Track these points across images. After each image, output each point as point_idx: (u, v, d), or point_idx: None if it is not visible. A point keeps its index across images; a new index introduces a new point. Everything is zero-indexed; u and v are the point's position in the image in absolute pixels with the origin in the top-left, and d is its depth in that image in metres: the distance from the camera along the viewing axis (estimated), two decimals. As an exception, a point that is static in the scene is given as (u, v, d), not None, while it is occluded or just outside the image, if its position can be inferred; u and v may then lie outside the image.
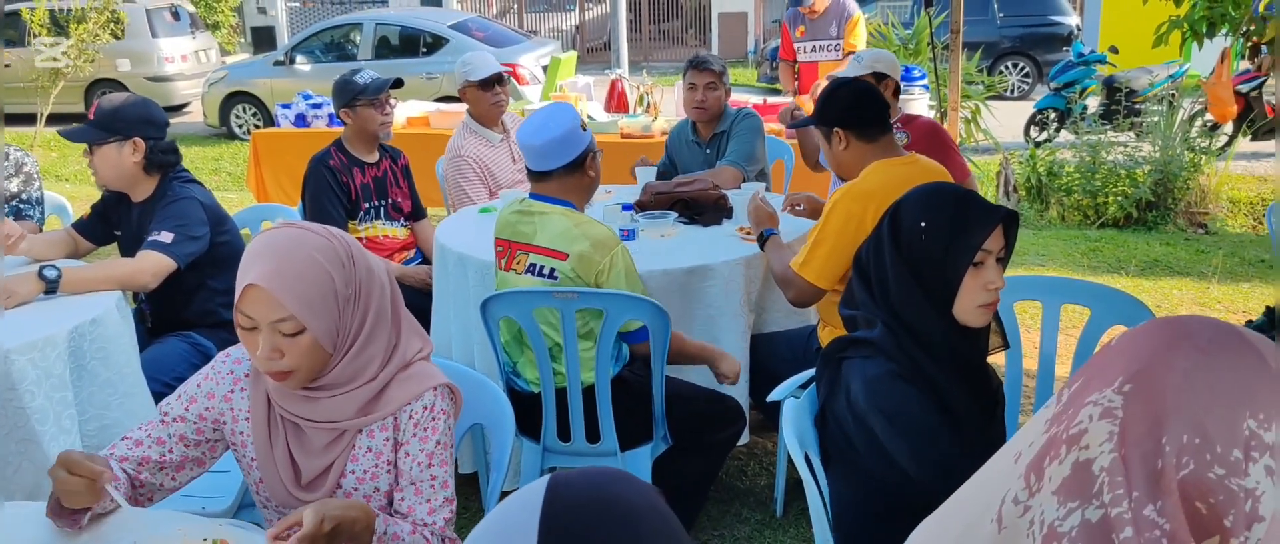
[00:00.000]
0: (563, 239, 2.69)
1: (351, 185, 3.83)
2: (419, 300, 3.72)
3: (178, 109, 13.59)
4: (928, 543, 1.13)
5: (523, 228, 2.78)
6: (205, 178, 9.39)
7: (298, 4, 20.91)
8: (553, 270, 2.70)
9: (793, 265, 2.79)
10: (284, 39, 18.60)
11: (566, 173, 2.75)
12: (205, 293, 3.13)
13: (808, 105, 4.66)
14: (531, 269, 2.75)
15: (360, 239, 3.83)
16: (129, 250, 3.11)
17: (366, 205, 3.88)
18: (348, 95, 3.83)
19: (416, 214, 4.09)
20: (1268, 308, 1.83)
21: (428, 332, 3.51)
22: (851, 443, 1.85)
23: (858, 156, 2.87)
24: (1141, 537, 0.88)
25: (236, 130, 11.87)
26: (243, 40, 19.88)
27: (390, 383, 1.73)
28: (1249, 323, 1.72)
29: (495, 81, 4.27)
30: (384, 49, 11.82)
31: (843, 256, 2.68)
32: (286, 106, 7.07)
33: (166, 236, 2.94)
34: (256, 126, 11.31)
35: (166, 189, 3.08)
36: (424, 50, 11.60)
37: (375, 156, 3.94)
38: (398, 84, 4.01)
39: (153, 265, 2.91)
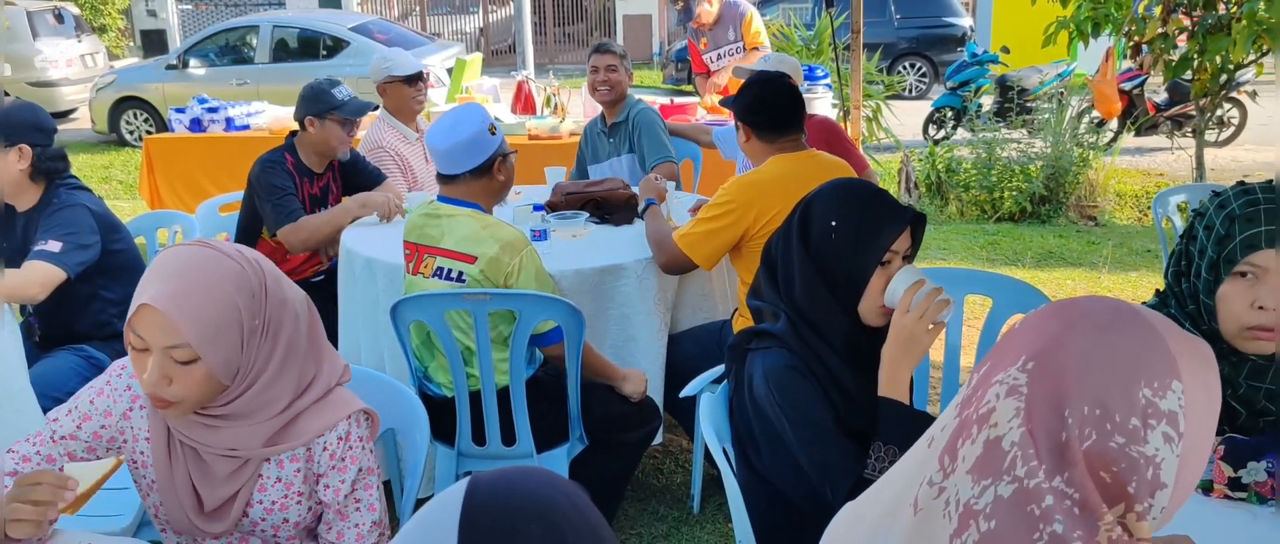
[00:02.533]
0: (470, 241, 2.66)
1: (299, 193, 3.72)
2: (325, 306, 3.64)
3: (64, 115, 13.04)
4: (846, 533, 1.14)
5: (430, 230, 2.74)
6: (95, 186, 9.03)
7: (190, 6, 20.26)
8: (461, 273, 2.67)
9: (675, 233, 2.95)
10: (176, 42, 18.01)
11: (474, 176, 2.73)
12: (98, 304, 3.01)
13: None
14: (439, 272, 2.71)
15: (287, 251, 3.75)
16: (14, 262, 2.97)
17: None
18: (320, 105, 3.68)
19: None
20: (1157, 291, 1.90)
21: (336, 337, 3.46)
22: (754, 435, 1.87)
23: (758, 151, 3.04)
24: (1058, 506, 0.91)
25: (127, 137, 11.45)
26: (132, 44, 19.18)
27: (302, 414, 1.63)
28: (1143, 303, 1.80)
29: (418, 78, 4.28)
30: (282, 52, 11.52)
31: (716, 239, 2.89)
32: (180, 111, 6.84)
33: (55, 245, 2.82)
34: (149, 132, 10.92)
35: (53, 197, 2.94)
36: (324, 53, 11.36)
37: (323, 170, 3.83)
38: (374, 109, 3.93)
39: (41, 276, 2.79)
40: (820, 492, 1.73)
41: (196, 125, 6.68)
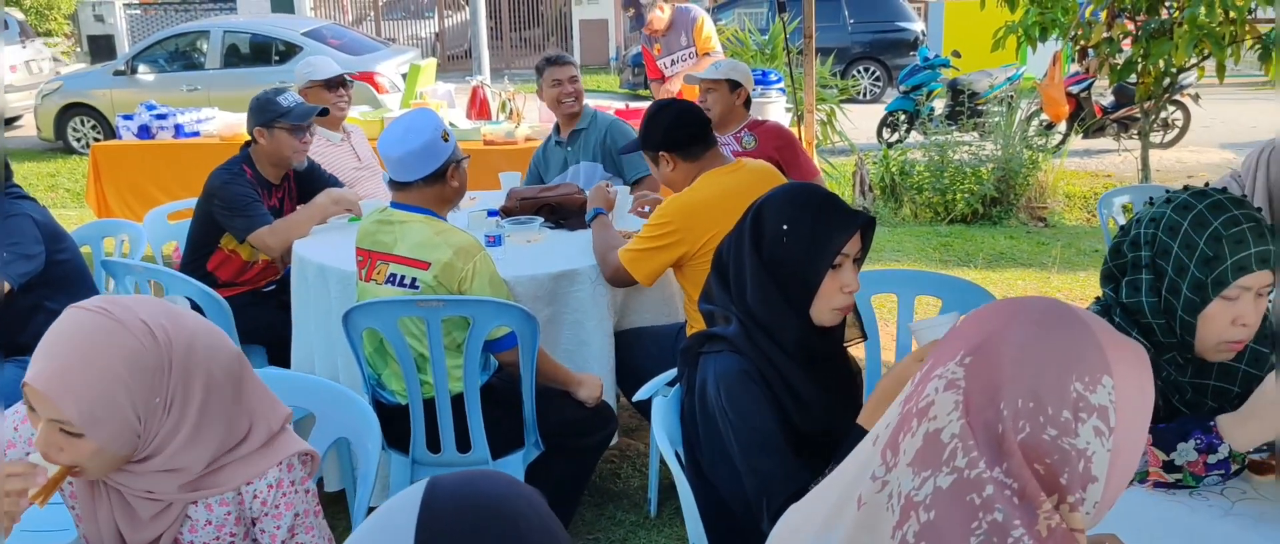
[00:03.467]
0: (423, 248, 2.65)
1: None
2: (278, 315, 3.60)
3: (8, 123, 12.77)
4: (795, 532, 1.15)
5: (383, 237, 2.73)
6: (41, 195, 8.85)
7: (138, 11, 19.93)
8: (414, 280, 2.65)
9: (620, 248, 2.98)
10: (124, 47, 17.70)
11: (427, 183, 2.71)
12: (43, 315, 2.94)
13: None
14: (392, 279, 2.69)
15: (243, 261, 3.70)
16: (-45, 273, 2.91)
17: None
18: (267, 115, 3.63)
19: None
20: (1096, 298, 1.95)
21: (289, 345, 3.42)
22: (700, 437, 1.88)
23: (686, 174, 3.05)
24: (999, 495, 0.93)
25: (74, 144, 11.23)
26: (79, 49, 18.83)
27: (226, 465, 1.55)
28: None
29: (339, 83, 4.23)
30: (233, 57, 11.37)
31: (656, 258, 2.93)
32: (128, 118, 6.73)
33: (-3, 256, 2.76)
34: (96, 139, 10.72)
35: (-5, 206, 2.88)
36: (277, 58, 11.22)
37: (279, 181, 3.78)
38: (324, 113, 3.88)
39: (-18, 287, 2.73)
40: (757, 502, 1.74)
41: (145, 132, 6.57)
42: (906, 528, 0.98)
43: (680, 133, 3.04)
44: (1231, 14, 5.07)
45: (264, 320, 3.57)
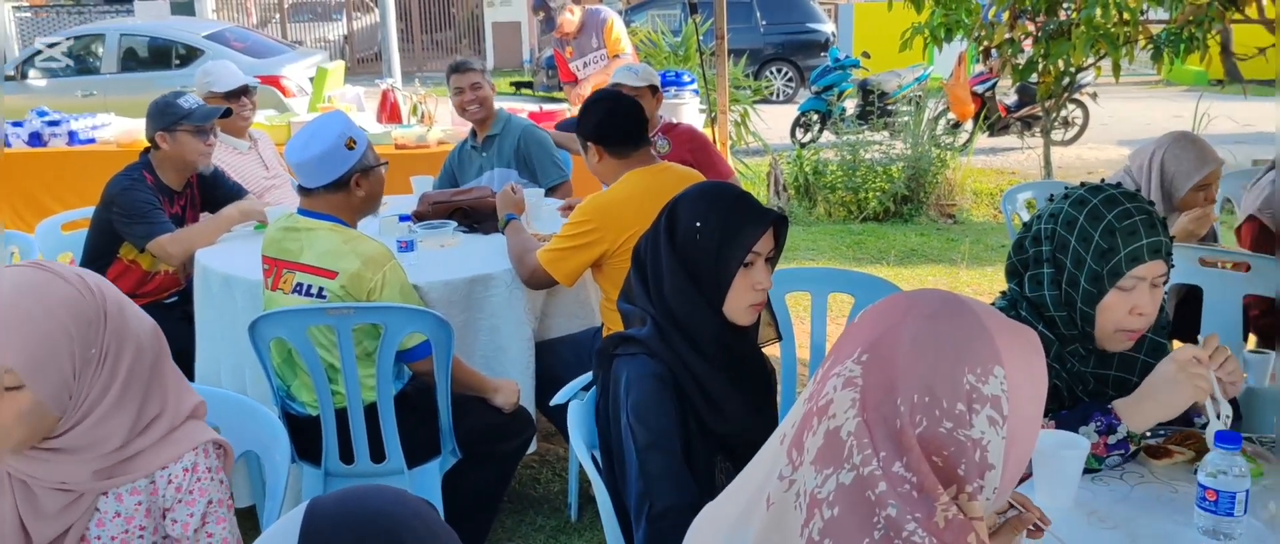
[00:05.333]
0: (330, 257, 2.58)
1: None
2: (181, 327, 3.48)
3: (-112, 131, 12.14)
4: (707, 534, 1.15)
5: (289, 245, 2.65)
6: (-75, 206, 8.43)
7: (29, 14, 19.16)
8: (321, 289, 2.59)
9: (538, 250, 2.97)
10: (14, 52, 16.99)
11: (330, 191, 2.65)
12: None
13: None
14: (299, 288, 2.62)
15: (143, 272, 3.57)
16: None
17: None
18: (168, 119, 3.49)
19: None
20: (1002, 292, 1.99)
21: (193, 360, 3.31)
22: (614, 440, 1.87)
23: (611, 169, 3.06)
24: (894, 491, 0.94)
25: (-39, 152, 10.74)
26: (-35, 54, 18.01)
27: (144, 449, 1.54)
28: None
29: (241, 93, 4.10)
30: (131, 62, 10.99)
31: (576, 257, 2.93)
32: (19, 125, 6.45)
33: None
34: (-15, 148, 10.26)
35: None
36: (177, 63, 10.88)
37: (182, 187, 3.64)
38: (226, 114, 3.75)
39: None
40: (639, 503, 1.73)
41: (36, 140, 6.31)
42: (812, 526, 0.99)
43: (612, 130, 3.05)
44: (1125, 15, 5.26)
45: (166, 333, 3.44)
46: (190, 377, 3.30)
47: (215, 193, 3.72)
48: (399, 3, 18.06)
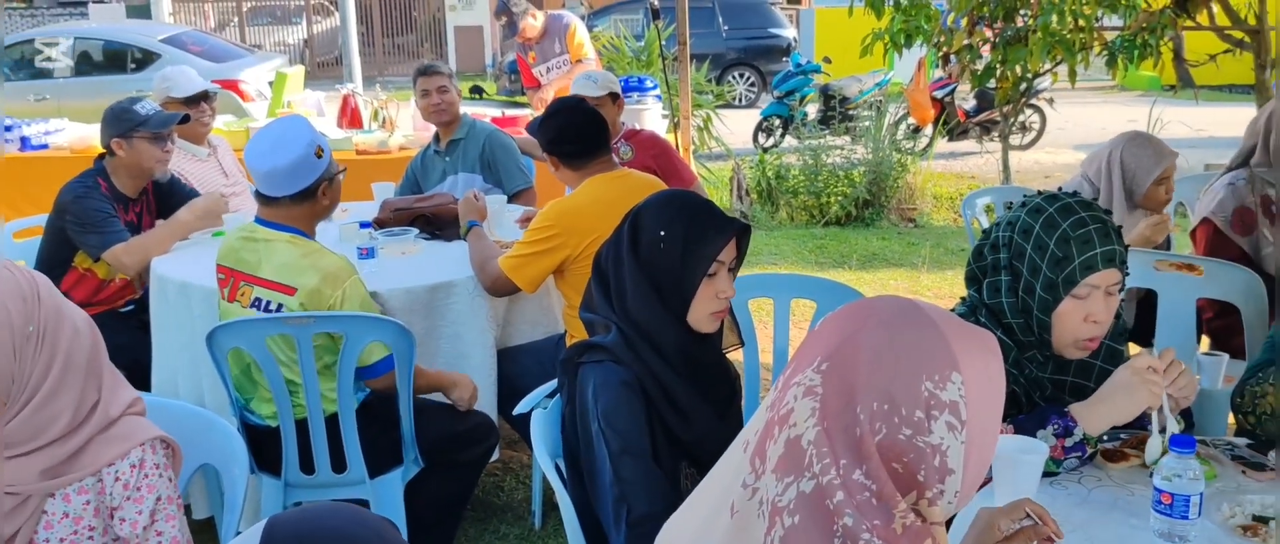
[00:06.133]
0: (289, 271, 2.54)
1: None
2: (137, 337, 3.42)
3: None
4: (673, 541, 1.15)
5: (246, 256, 2.61)
6: None
7: (-20, 16, 18.78)
8: (280, 305, 2.55)
9: (500, 257, 2.97)
10: (-35, 55, 16.65)
11: (295, 200, 2.60)
12: None
13: None
14: (257, 303, 2.58)
15: (99, 281, 3.50)
16: None
17: None
18: (125, 125, 3.42)
19: None
20: (962, 298, 2.02)
21: (149, 370, 3.26)
22: (580, 448, 1.87)
23: (570, 177, 3.08)
24: (853, 499, 0.95)
25: (-92, 158, 10.50)
26: (-86, 57, 17.63)
27: (89, 443, 1.52)
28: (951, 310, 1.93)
29: (201, 98, 4.04)
30: (86, 65, 10.80)
31: (538, 263, 2.93)
32: (-31, 130, 6.32)
33: None
34: (-66, 153, 10.04)
35: None
36: (133, 66, 10.72)
37: (137, 195, 3.58)
38: (185, 120, 3.69)
39: None
40: (615, 509, 1.73)
41: (-12, 145, 6.18)
42: (774, 534, 0.99)
43: (571, 142, 3.06)
44: (1081, 22, 5.34)
45: (122, 343, 3.36)
46: (146, 388, 3.26)
47: (172, 200, 3.66)
48: (359, 6, 17.91)
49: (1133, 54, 5.32)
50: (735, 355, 2.06)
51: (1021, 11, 5.70)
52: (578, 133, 3.06)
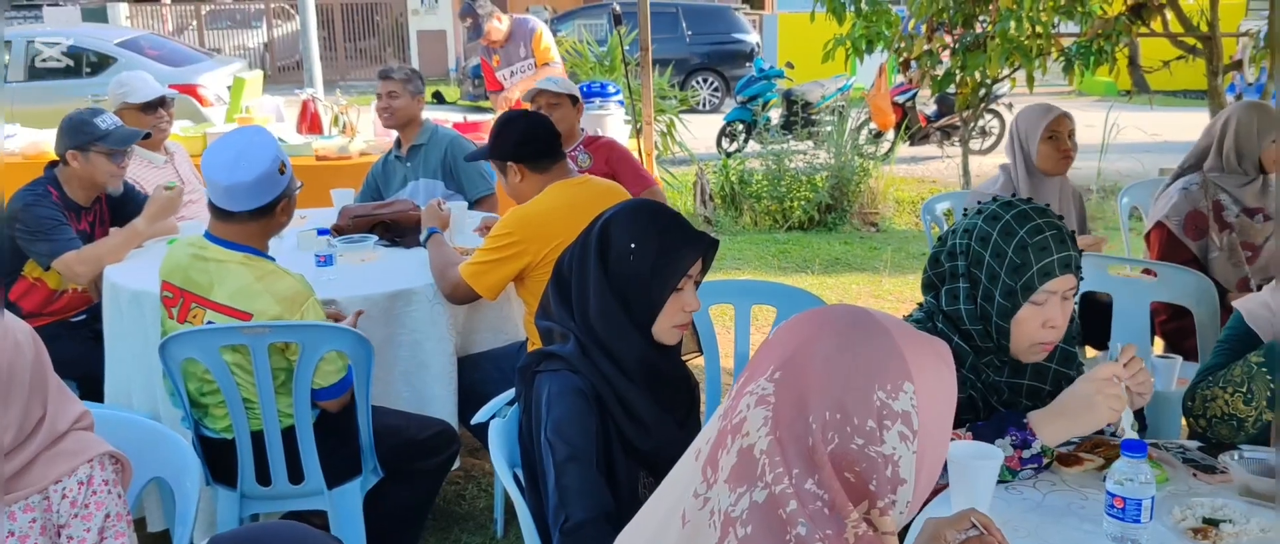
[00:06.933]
0: (244, 296, 2.48)
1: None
2: (90, 347, 3.36)
3: None
4: (626, 550, 1.15)
5: (196, 276, 2.53)
6: None
7: (-70, 20, 18.39)
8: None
9: (461, 264, 2.94)
10: (-85, 59, 16.32)
11: (253, 216, 2.53)
12: None
13: None
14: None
15: (50, 290, 3.44)
16: None
17: None
18: (82, 138, 3.36)
19: None
20: (920, 304, 2.03)
21: (102, 382, 3.20)
22: (535, 455, 1.86)
23: (533, 185, 3.03)
24: (805, 509, 0.95)
25: None
26: None
27: (35, 460, 1.49)
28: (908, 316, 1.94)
29: (158, 104, 3.99)
30: (40, 70, 10.62)
31: (499, 270, 2.90)
32: (-83, 136, 6.18)
33: None
34: (-118, 159, 9.82)
35: None
36: (88, 71, 10.55)
37: (90, 203, 3.51)
38: (146, 137, 3.64)
39: None
40: (555, 516, 1.72)
41: (-63, 151, 6.05)
42: None
43: (530, 146, 3.03)
44: (1038, 29, 5.41)
45: (74, 353, 3.32)
46: (99, 399, 3.20)
47: (126, 208, 3.60)
48: (320, 10, 17.73)
49: (1089, 60, 5.41)
50: (695, 362, 2.06)
51: (980, 18, 5.77)
52: (536, 133, 3.05)
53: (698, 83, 14.83)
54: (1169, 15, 5.36)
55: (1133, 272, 3.20)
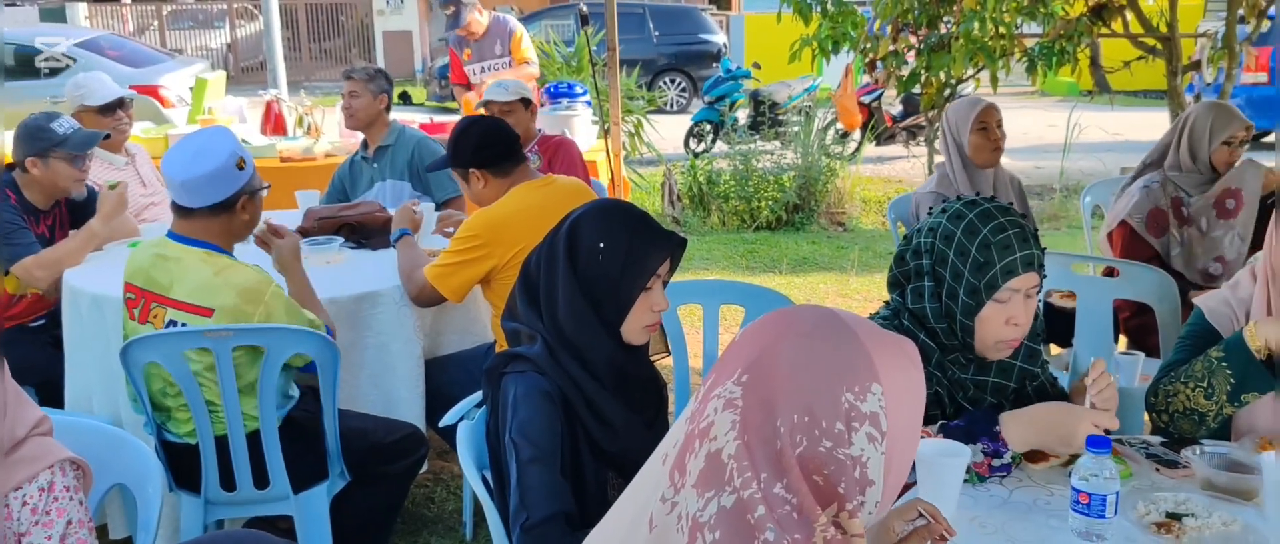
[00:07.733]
0: (204, 292, 2.45)
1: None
2: (49, 353, 3.31)
3: None
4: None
5: (157, 275, 2.50)
6: None
7: (-117, 19, 18.03)
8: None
9: (426, 267, 2.92)
10: None
11: (213, 213, 2.50)
12: None
13: None
14: (171, 326, 2.49)
15: (8, 296, 3.36)
16: None
17: None
18: (40, 145, 3.30)
19: None
20: (886, 302, 2.04)
21: (62, 388, 3.15)
22: (502, 456, 1.85)
23: (497, 190, 3.02)
24: (773, 513, 0.95)
25: None
26: None
27: None
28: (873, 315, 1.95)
29: (117, 106, 3.93)
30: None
31: (463, 272, 2.89)
32: None
33: None
34: None
35: None
36: (46, 72, 10.38)
37: (50, 207, 3.45)
38: (106, 138, 3.58)
39: None
40: (515, 516, 1.71)
41: (-110, 153, 5.93)
42: None
43: (490, 151, 3.01)
44: (1001, 29, 5.46)
45: (33, 359, 3.26)
46: (59, 405, 3.15)
47: (86, 211, 3.54)
48: (284, 10, 17.58)
49: (1051, 60, 5.47)
50: (663, 362, 2.06)
51: (945, 19, 5.81)
52: (493, 137, 3.03)
53: (665, 83, 14.84)
54: (1129, 16, 5.43)
55: (1096, 270, 3.24)
